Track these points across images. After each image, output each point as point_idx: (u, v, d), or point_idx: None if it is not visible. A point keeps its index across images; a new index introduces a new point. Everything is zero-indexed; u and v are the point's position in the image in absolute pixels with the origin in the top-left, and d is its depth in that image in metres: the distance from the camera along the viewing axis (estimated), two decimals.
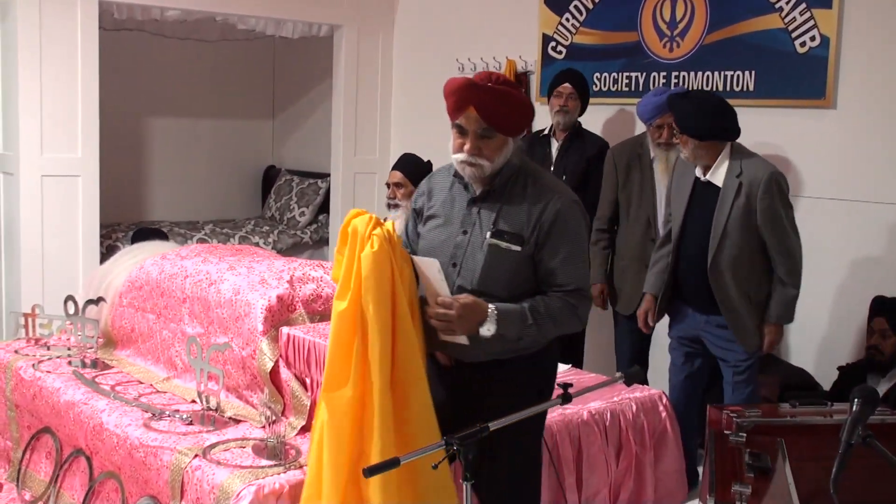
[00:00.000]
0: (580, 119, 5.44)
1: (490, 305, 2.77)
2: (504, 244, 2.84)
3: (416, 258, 2.89)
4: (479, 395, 2.92)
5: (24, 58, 5.61)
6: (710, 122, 4.02)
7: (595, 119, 5.80)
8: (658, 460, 4.03)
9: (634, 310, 4.68)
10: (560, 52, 6.08)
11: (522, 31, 6.31)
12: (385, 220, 5.02)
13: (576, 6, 5.98)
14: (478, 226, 2.90)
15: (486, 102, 2.80)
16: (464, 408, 2.90)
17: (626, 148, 4.97)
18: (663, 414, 4.08)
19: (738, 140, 4.15)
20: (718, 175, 4.07)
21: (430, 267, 2.79)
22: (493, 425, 2.20)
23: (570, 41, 6.03)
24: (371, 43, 7.16)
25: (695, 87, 5.37)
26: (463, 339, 2.82)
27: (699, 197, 4.15)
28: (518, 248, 2.84)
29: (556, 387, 2.91)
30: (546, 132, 5.49)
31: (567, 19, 6.04)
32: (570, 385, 2.36)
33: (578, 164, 5.35)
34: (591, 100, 5.56)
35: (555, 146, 5.42)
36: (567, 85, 5.36)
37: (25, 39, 5.60)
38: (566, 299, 2.86)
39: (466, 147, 2.86)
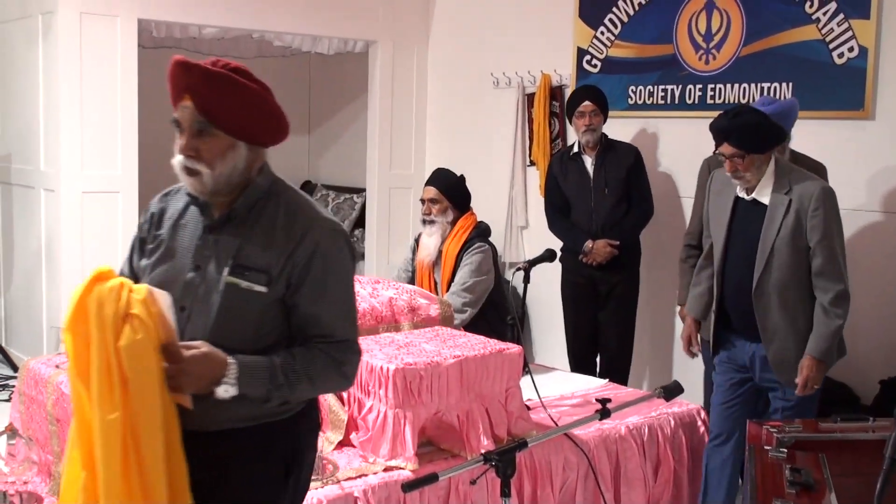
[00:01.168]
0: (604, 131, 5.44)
1: (230, 359, 2.16)
2: (245, 284, 2.23)
3: (152, 290, 2.18)
4: (209, 471, 2.27)
5: (64, 76, 5.68)
6: (766, 132, 3.69)
7: (629, 132, 5.79)
8: (696, 476, 4.00)
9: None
10: (595, 66, 6.07)
11: (557, 45, 6.31)
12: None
13: (611, 19, 5.98)
14: (214, 260, 2.28)
15: (202, 88, 2.26)
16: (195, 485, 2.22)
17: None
18: (701, 429, 4.05)
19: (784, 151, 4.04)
20: (765, 192, 3.75)
21: (163, 302, 2.16)
22: (531, 441, 2.20)
23: (604, 54, 6.02)
24: (406, 58, 7.19)
25: (731, 101, 5.34)
26: (187, 401, 2.17)
27: (742, 217, 3.83)
28: (264, 289, 2.23)
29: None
30: (576, 150, 5.45)
31: (602, 32, 6.03)
32: (609, 400, 2.35)
33: (618, 176, 5.31)
34: (627, 113, 5.56)
35: (588, 162, 5.37)
36: (588, 103, 5.32)
37: (66, 58, 5.68)
38: (330, 353, 2.27)
39: (181, 145, 2.31)
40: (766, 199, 3.73)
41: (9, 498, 4.16)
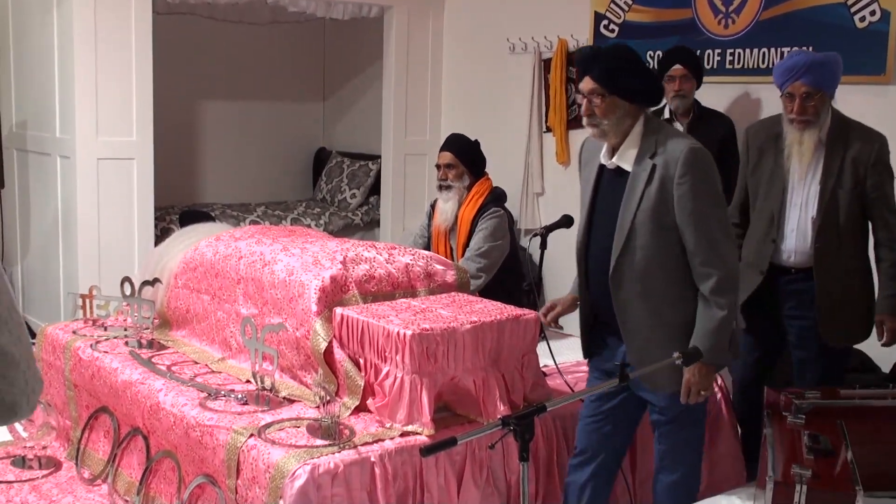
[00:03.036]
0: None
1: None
2: None
3: None
4: None
5: (79, 43, 5.66)
6: (641, 76, 3.15)
7: None
8: (713, 443, 3.98)
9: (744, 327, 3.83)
10: (612, 31, 6.01)
11: (574, 10, 6.25)
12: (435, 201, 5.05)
13: None
14: None
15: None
16: None
17: (766, 126, 4.06)
18: (718, 396, 4.04)
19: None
20: (628, 157, 3.13)
21: None
22: (550, 405, 2.19)
23: (622, 19, 5.96)
24: (421, 23, 7.14)
25: (751, 66, 5.28)
26: None
27: (605, 189, 3.24)
28: None
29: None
30: (666, 116, 5.15)
31: None
32: (628, 365, 2.33)
33: (710, 148, 5.02)
34: None
35: (680, 127, 5.06)
36: (678, 67, 5.05)
37: (81, 24, 5.65)
38: None
39: None
40: (629, 166, 3.12)
41: (28, 462, 4.19)
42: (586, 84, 3.06)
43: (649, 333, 3.12)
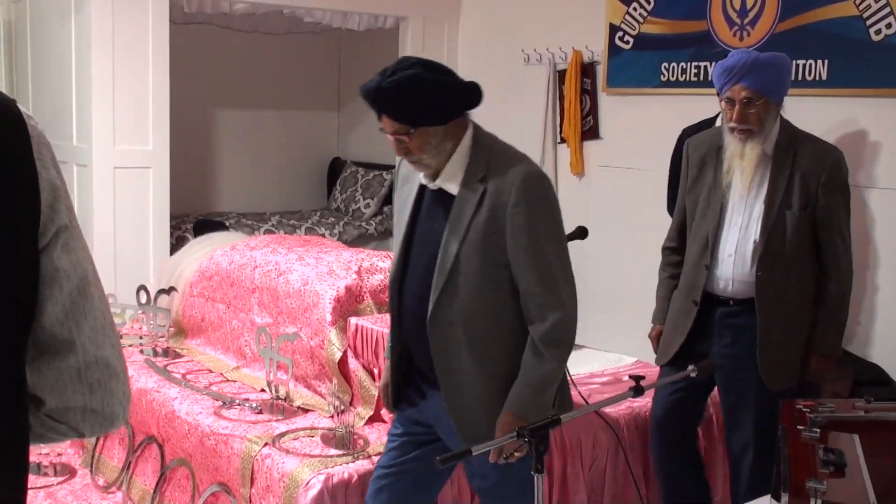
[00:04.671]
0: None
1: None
2: None
3: None
4: None
5: (97, 51, 5.70)
6: (439, 93, 2.60)
7: (662, 110, 5.74)
8: (726, 455, 3.98)
9: (669, 360, 3.57)
10: (627, 42, 6.02)
11: (589, 21, 6.26)
12: None
13: None
14: None
15: None
16: None
17: (708, 137, 3.64)
18: None
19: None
20: (454, 178, 2.62)
21: None
22: (564, 417, 2.19)
23: (637, 31, 5.97)
24: (436, 34, 7.16)
25: None
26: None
27: (427, 214, 2.72)
28: None
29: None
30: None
31: (634, 8, 5.98)
32: (642, 377, 2.34)
33: None
34: (659, 90, 5.49)
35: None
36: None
37: (98, 33, 5.69)
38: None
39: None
40: (454, 188, 2.63)
41: (43, 469, 4.21)
42: (387, 125, 2.57)
43: (473, 388, 2.63)
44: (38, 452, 4.33)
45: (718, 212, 3.41)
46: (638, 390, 2.32)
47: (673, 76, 5.79)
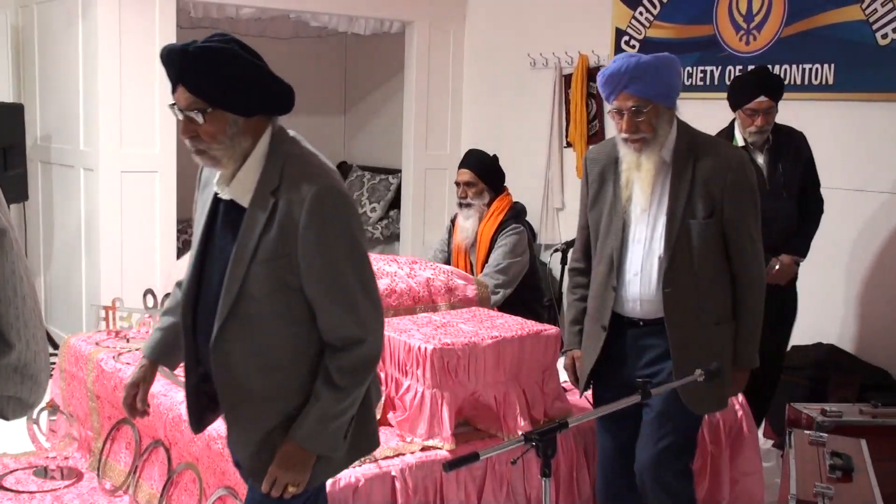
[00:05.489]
0: None
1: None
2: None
3: None
4: None
5: (103, 56, 5.72)
6: (238, 72, 2.25)
7: None
8: (734, 460, 3.98)
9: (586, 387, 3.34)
10: (633, 47, 6.03)
11: (595, 26, 6.26)
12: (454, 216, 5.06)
13: (650, 0, 5.93)
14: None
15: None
16: None
17: (605, 149, 3.29)
18: (739, 413, 4.02)
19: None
20: (247, 188, 2.30)
21: None
22: (572, 421, 2.19)
23: (643, 35, 5.98)
24: (442, 39, 7.17)
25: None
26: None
27: (222, 227, 2.39)
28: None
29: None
30: (741, 143, 4.43)
31: (640, 13, 5.98)
32: (649, 382, 2.34)
33: (795, 174, 4.42)
34: None
35: (760, 158, 4.41)
36: (764, 99, 4.30)
37: (105, 38, 5.71)
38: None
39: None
40: (245, 200, 2.30)
41: (50, 472, 4.22)
42: (181, 98, 2.23)
43: (264, 422, 2.36)
44: (46, 456, 4.34)
45: (621, 228, 3.13)
46: (645, 394, 2.32)
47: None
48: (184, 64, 2.18)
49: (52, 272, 6.59)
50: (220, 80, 2.19)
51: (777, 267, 4.33)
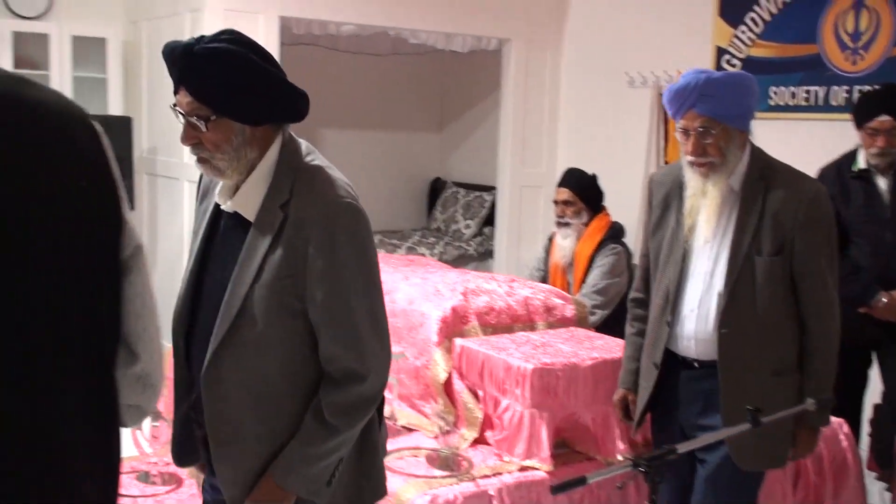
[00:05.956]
0: None
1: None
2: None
3: None
4: None
5: None
6: (245, 78, 2.06)
7: (770, 135, 5.63)
8: (837, 492, 3.87)
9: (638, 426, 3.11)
10: (734, 66, 5.94)
11: (695, 44, 6.19)
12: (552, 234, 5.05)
13: (752, 18, 5.84)
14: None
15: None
16: None
17: (672, 172, 3.06)
18: (844, 443, 3.92)
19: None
20: (254, 199, 2.12)
21: None
22: (681, 448, 2.16)
23: (745, 54, 5.89)
24: (540, 56, 7.17)
25: None
26: None
27: (223, 240, 2.21)
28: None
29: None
30: (862, 165, 4.14)
31: (742, 31, 5.90)
32: (760, 409, 2.29)
33: None
34: (768, 115, 5.39)
35: (883, 185, 4.08)
36: (886, 118, 4.02)
37: None
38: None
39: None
40: (251, 214, 2.12)
41: (151, 478, 4.31)
42: (183, 102, 2.06)
43: (256, 460, 2.14)
44: (147, 461, 4.43)
45: (681, 259, 2.89)
46: (755, 422, 2.28)
47: (782, 101, 5.70)
48: (187, 65, 2.00)
49: (155, 281, 6.74)
50: (226, 86, 1.99)
51: (885, 301, 3.97)
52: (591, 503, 3.32)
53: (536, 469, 3.29)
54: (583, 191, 4.97)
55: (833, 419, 3.94)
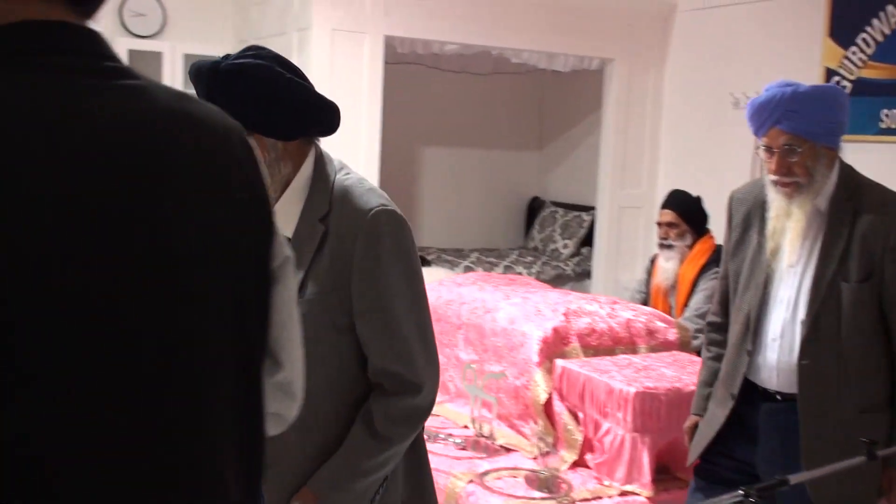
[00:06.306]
0: None
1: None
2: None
3: None
4: None
5: (316, 89, 5.96)
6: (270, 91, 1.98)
7: (881, 159, 5.49)
8: None
9: (699, 465, 2.90)
10: (844, 87, 5.81)
11: (803, 65, 6.07)
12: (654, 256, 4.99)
13: (864, 39, 5.70)
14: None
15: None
16: None
17: (754, 190, 2.91)
18: None
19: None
20: (289, 215, 2.04)
21: None
22: (793, 479, 2.11)
23: (855, 75, 5.75)
24: (642, 76, 7.11)
25: None
26: None
27: None
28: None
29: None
30: None
31: (853, 52, 5.76)
32: (876, 443, 2.21)
33: None
34: (879, 138, 5.24)
35: None
36: None
37: (318, 72, 5.95)
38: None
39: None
40: (289, 230, 2.03)
41: None
42: None
43: (300, 480, 2.02)
44: None
45: (762, 284, 2.71)
46: (871, 455, 2.21)
47: (894, 123, 5.54)
48: (214, 83, 1.93)
49: None
50: (254, 101, 1.92)
51: None
52: None
53: (637, 494, 3.25)
54: (687, 213, 4.90)
55: None
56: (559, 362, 3.62)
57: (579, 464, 3.48)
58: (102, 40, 1.10)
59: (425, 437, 3.72)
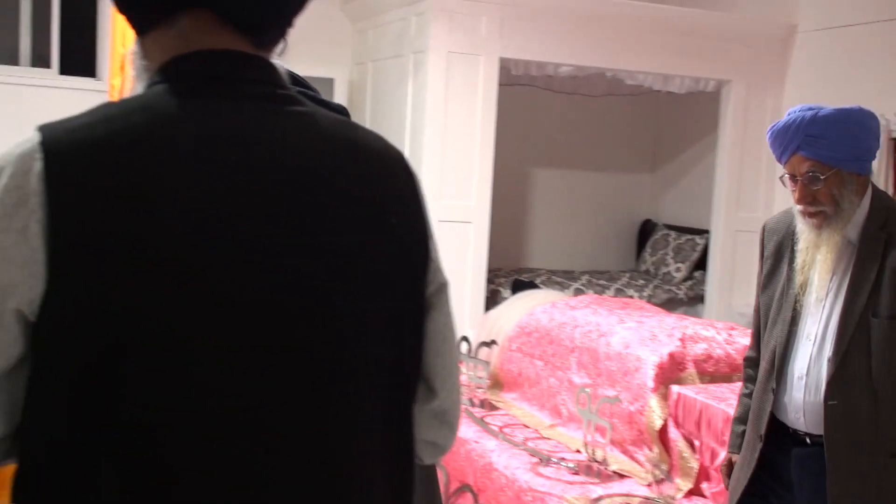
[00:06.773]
0: None
1: None
2: None
3: None
4: None
5: (430, 110, 6.03)
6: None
7: None
8: None
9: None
10: None
11: None
12: None
13: None
14: None
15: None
16: None
17: (785, 219, 2.71)
18: None
19: None
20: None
21: None
22: None
23: None
24: (760, 98, 6.99)
25: None
26: None
27: None
28: None
29: None
30: None
31: None
32: None
33: None
34: None
35: None
36: None
37: (433, 94, 6.03)
38: None
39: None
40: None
41: None
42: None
43: None
44: None
45: (789, 320, 2.55)
46: None
47: None
48: None
49: None
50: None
51: None
52: None
53: None
54: None
55: None
56: (675, 388, 3.58)
57: (695, 492, 3.42)
58: (275, 70, 1.18)
59: (537, 459, 3.72)
